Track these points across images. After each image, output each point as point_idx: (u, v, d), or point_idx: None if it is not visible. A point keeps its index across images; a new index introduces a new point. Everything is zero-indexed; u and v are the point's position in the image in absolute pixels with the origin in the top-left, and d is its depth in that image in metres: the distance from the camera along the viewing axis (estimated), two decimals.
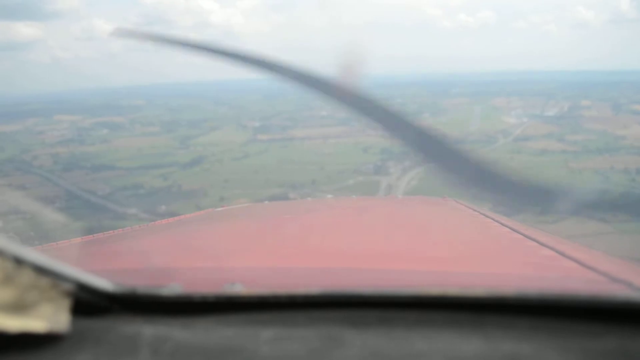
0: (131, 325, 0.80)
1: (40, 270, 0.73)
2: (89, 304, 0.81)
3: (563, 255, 1.75)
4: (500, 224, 2.52)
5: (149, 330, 0.78)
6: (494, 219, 2.67)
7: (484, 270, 1.68)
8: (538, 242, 1.99)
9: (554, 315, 0.75)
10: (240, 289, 0.87)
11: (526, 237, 2.13)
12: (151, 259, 2.11)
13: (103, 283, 0.83)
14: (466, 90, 68.75)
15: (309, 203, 3.92)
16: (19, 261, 0.71)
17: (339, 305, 0.81)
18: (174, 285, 0.86)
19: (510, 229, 2.36)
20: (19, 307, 0.70)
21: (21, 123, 56.59)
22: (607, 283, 1.37)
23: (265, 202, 4.71)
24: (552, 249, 1.84)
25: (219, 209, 4.57)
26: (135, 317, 0.82)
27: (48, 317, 0.73)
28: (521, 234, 2.22)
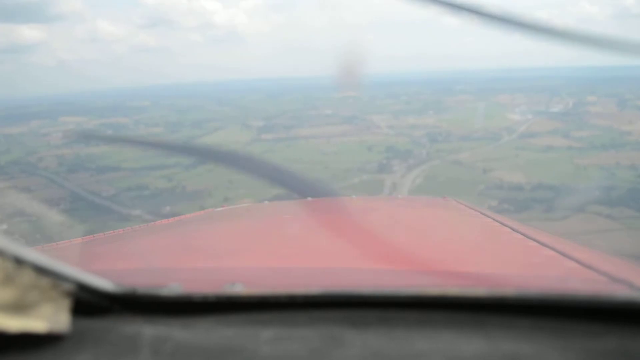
0: (131, 325, 0.80)
1: (41, 271, 0.73)
2: (89, 304, 0.81)
3: (563, 255, 1.74)
4: (500, 223, 2.51)
5: (149, 330, 0.78)
6: (494, 219, 2.66)
7: (484, 270, 1.67)
8: (538, 242, 1.99)
9: (555, 315, 0.75)
10: (240, 289, 0.87)
11: (527, 237, 2.13)
12: (151, 259, 2.13)
13: (103, 283, 0.83)
14: (470, 87, 68.62)
15: (307, 203, 3.93)
16: (20, 261, 0.71)
17: (339, 305, 0.81)
18: (174, 286, 0.86)
19: (511, 228, 2.35)
20: (19, 307, 0.70)
21: (26, 125, 56.90)
22: (608, 283, 1.37)
23: (265, 202, 4.73)
24: (553, 249, 1.84)
25: (219, 209, 4.58)
26: (136, 317, 0.82)
27: (48, 317, 0.73)
28: (521, 233, 2.21)
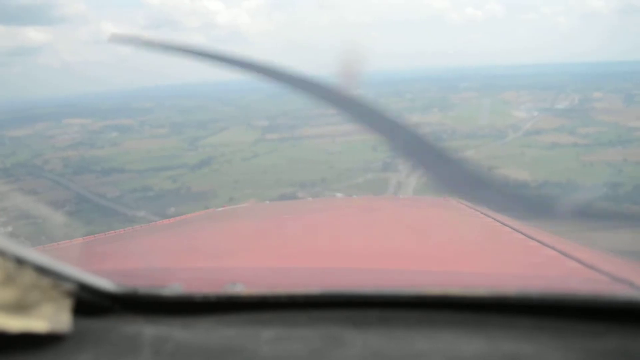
0: (132, 325, 0.80)
1: (42, 271, 0.74)
2: (90, 304, 0.81)
3: (565, 254, 1.73)
4: (501, 223, 2.51)
5: (150, 330, 0.78)
6: (495, 219, 2.66)
7: (485, 270, 1.67)
8: (539, 242, 1.97)
9: (556, 315, 0.75)
10: (241, 289, 0.87)
11: (528, 237, 2.12)
12: (152, 259, 2.13)
13: (104, 283, 0.83)
14: (475, 84, 68.32)
15: (309, 203, 3.94)
16: (21, 261, 0.71)
17: (339, 305, 0.81)
18: (175, 285, 0.86)
19: (512, 228, 2.34)
20: (20, 307, 0.70)
21: (32, 127, 57.14)
22: (609, 283, 1.36)
23: (267, 202, 4.74)
24: (554, 249, 1.83)
25: (220, 209, 4.60)
26: (137, 317, 0.83)
27: (49, 317, 0.73)
28: (523, 233, 2.20)
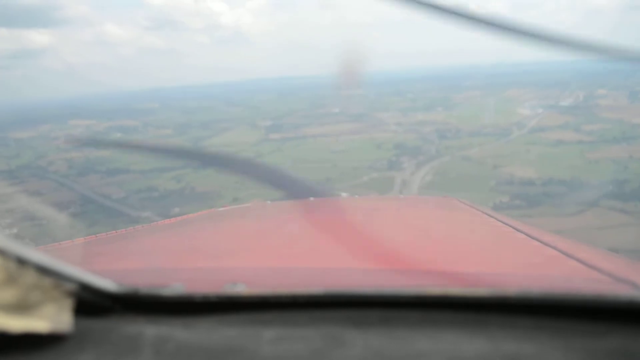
0: (133, 325, 0.80)
1: (43, 271, 0.74)
2: (91, 304, 0.81)
3: (566, 254, 1.72)
4: (503, 223, 2.49)
5: (151, 330, 0.78)
6: (496, 219, 2.65)
7: (486, 270, 1.65)
8: (541, 242, 1.96)
9: (557, 315, 0.75)
10: (242, 289, 0.87)
11: (529, 237, 2.10)
12: (153, 259, 2.12)
13: (105, 283, 0.83)
14: (478, 82, 68.05)
15: (309, 203, 3.91)
16: (22, 261, 0.71)
17: (340, 305, 0.81)
18: (176, 285, 0.86)
19: (513, 228, 2.32)
20: (22, 307, 0.70)
21: (36, 129, 57.28)
22: (611, 283, 1.35)
23: (267, 202, 4.73)
24: (555, 249, 1.81)
25: (221, 209, 4.58)
26: (138, 317, 0.82)
27: (51, 317, 0.73)
28: (524, 233, 2.18)
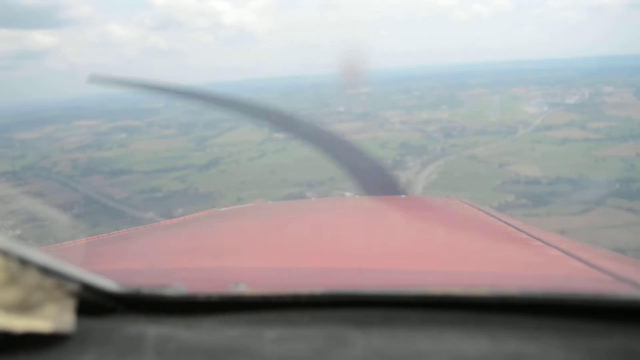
0: (135, 325, 0.80)
1: (45, 271, 0.74)
2: (93, 304, 0.81)
3: (568, 254, 1.70)
4: (504, 222, 2.47)
5: (153, 330, 0.78)
6: (498, 218, 2.63)
7: (488, 270, 1.65)
8: (543, 242, 1.94)
9: (559, 315, 0.74)
10: (244, 289, 0.86)
11: (531, 237, 2.08)
12: (155, 259, 2.10)
13: (108, 283, 0.83)
14: (484, 80, 67.88)
15: (312, 202, 3.80)
16: (24, 262, 0.72)
17: (342, 305, 0.81)
18: (178, 285, 0.86)
19: (515, 228, 2.30)
20: (24, 308, 0.71)
21: (41, 130, 57.52)
22: (613, 282, 1.32)
23: (269, 202, 4.63)
24: (557, 248, 1.80)
25: (223, 209, 4.48)
26: (140, 317, 0.83)
27: (53, 318, 0.73)
28: (526, 233, 2.16)
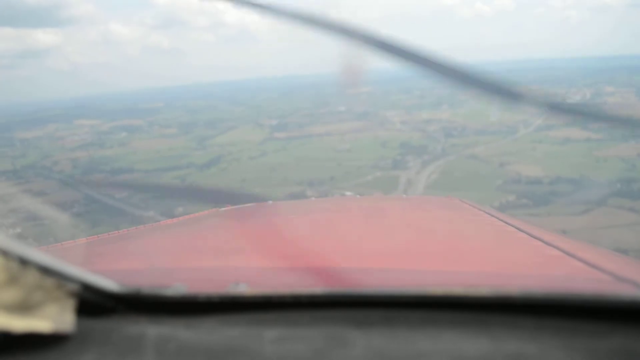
0: (136, 325, 0.80)
1: (46, 271, 0.74)
2: (93, 304, 0.82)
3: (568, 254, 1.73)
4: (505, 223, 2.47)
5: (153, 330, 0.78)
6: (498, 218, 2.63)
7: (488, 270, 1.66)
8: (543, 242, 1.96)
9: (560, 315, 0.74)
10: (244, 289, 0.87)
11: (531, 236, 2.09)
12: (155, 259, 2.10)
13: (108, 283, 0.83)
14: None
15: (312, 202, 3.79)
16: (24, 261, 0.72)
17: (342, 305, 0.81)
18: (178, 286, 0.86)
19: (516, 228, 2.31)
20: (24, 308, 0.71)
21: (42, 129, 57.51)
22: (613, 282, 1.34)
23: (270, 202, 4.65)
24: (558, 248, 1.82)
25: (223, 209, 4.48)
26: (140, 318, 0.83)
27: (53, 317, 0.74)
28: (526, 233, 2.17)
